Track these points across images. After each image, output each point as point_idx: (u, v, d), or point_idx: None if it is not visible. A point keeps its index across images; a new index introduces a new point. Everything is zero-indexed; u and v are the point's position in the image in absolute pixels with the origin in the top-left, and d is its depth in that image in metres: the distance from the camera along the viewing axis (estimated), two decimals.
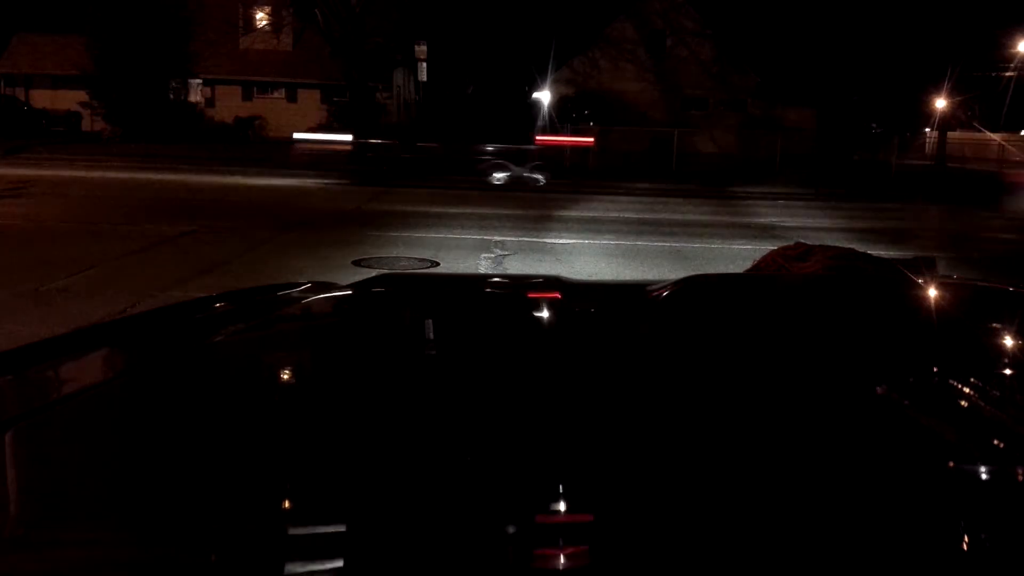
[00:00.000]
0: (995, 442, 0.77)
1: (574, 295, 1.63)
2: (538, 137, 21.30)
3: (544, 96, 32.43)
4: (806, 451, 0.76)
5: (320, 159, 19.25)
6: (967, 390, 0.98)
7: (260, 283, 1.70)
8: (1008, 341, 1.24)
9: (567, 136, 23.89)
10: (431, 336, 1.32)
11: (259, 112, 31.65)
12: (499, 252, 8.89)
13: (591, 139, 23.43)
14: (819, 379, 0.97)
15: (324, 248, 8.72)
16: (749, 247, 9.48)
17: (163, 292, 6.30)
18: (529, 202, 14.35)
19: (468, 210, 12.65)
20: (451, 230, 10.39)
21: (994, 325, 1.36)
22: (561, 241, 9.92)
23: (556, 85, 34.03)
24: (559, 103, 33.57)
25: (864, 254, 2.37)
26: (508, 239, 9.78)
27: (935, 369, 1.06)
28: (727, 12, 31.69)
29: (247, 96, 32.12)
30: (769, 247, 2.53)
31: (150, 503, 0.65)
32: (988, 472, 0.70)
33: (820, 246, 2.43)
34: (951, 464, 0.73)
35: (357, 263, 7.86)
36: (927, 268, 2.09)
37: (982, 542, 0.60)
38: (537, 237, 10.11)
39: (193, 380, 1.00)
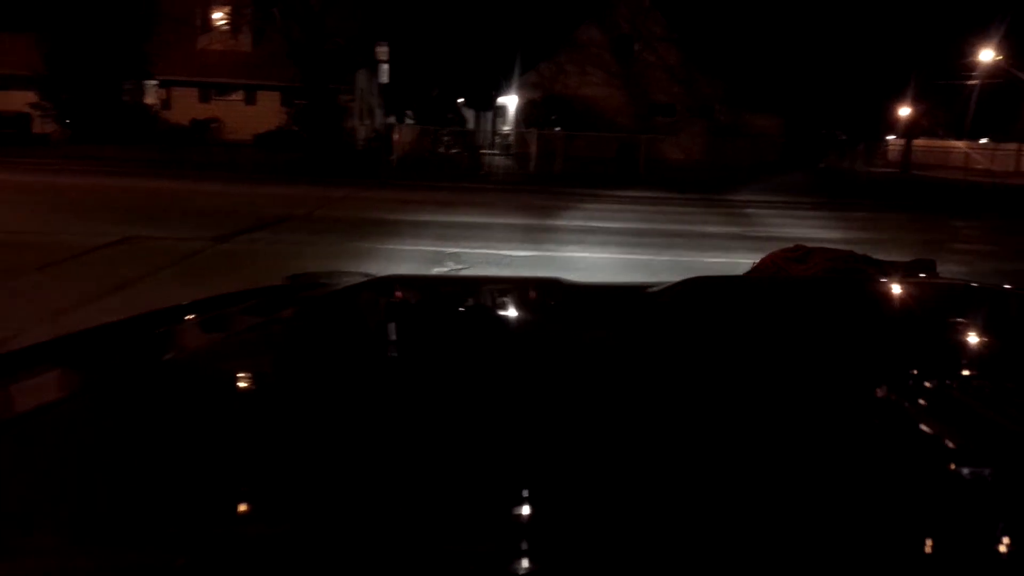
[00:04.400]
0: (995, 442, 0.77)
1: (573, 297, 1.61)
2: None
3: (511, 100, 32.01)
4: (806, 453, 0.76)
5: None
6: (967, 390, 0.98)
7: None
8: (1006, 341, 1.25)
9: None
10: (427, 337, 1.27)
11: (216, 114, 30.80)
12: (453, 266, 8.29)
13: None
14: (819, 381, 0.97)
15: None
16: (721, 260, 9.01)
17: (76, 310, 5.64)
18: (492, 209, 13.78)
19: (426, 217, 12.04)
20: (402, 240, 9.77)
21: (992, 325, 1.34)
22: (521, 253, 9.35)
23: (523, 89, 33.64)
24: (526, 107, 33.16)
25: (863, 256, 2.35)
26: (464, 251, 9.18)
27: (934, 370, 1.05)
28: (694, 18, 31.58)
29: (204, 98, 31.28)
30: (743, 260, 2.32)
31: (126, 510, 0.64)
32: (988, 472, 0.71)
33: (819, 248, 2.46)
34: (951, 464, 0.73)
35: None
36: (926, 269, 2.15)
37: (982, 542, 0.60)
38: (496, 249, 9.51)
39: (172, 386, 0.97)
